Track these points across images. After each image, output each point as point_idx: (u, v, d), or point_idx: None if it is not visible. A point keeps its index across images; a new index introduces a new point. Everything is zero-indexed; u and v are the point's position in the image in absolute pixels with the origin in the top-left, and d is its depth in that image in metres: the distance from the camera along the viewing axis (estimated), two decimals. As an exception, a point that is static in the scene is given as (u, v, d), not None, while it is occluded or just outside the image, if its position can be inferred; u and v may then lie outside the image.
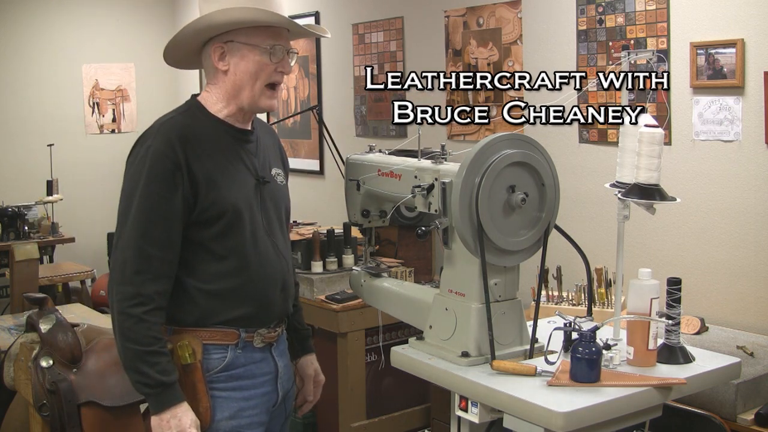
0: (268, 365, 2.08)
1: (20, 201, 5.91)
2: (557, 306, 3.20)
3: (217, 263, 1.98)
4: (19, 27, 6.59)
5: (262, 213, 2.06)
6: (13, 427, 2.95)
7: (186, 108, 2.05)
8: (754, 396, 2.54)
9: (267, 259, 2.05)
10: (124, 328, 1.88)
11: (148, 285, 1.89)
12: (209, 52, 2.02)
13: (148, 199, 1.90)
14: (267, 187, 2.09)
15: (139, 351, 1.88)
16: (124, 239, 1.91)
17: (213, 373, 1.99)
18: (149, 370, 1.88)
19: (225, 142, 2.02)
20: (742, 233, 3.12)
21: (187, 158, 1.92)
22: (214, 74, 2.04)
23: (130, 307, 1.88)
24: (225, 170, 1.99)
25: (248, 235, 2.01)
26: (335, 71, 5.27)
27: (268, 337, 2.08)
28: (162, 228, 1.91)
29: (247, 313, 2.02)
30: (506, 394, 1.87)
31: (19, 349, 2.74)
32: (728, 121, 3.11)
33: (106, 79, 6.99)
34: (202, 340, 1.98)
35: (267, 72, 2.01)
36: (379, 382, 3.70)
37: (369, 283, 2.42)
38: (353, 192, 2.42)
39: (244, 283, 2.00)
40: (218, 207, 1.96)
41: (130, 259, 1.89)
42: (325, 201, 5.41)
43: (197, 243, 1.97)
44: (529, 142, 2.05)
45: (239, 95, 2.02)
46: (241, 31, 1.98)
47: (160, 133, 1.94)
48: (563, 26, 3.71)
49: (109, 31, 6.96)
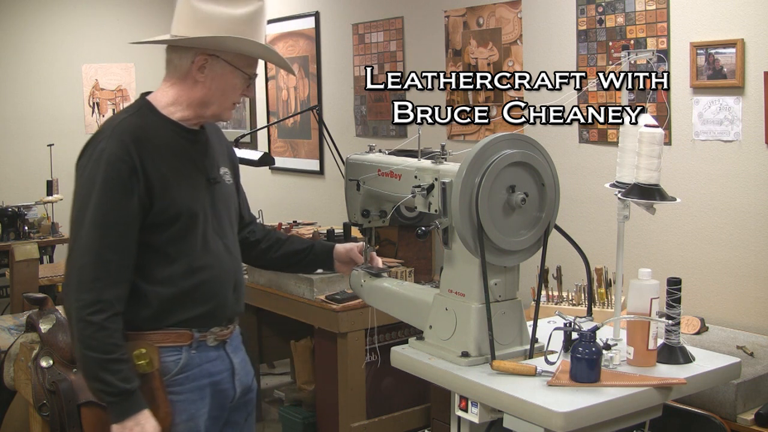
0: (222, 363, 2.10)
1: (20, 201, 5.90)
2: (557, 306, 3.20)
3: (170, 265, 1.98)
4: (19, 27, 6.60)
5: (213, 214, 2.07)
6: (13, 427, 2.95)
7: (137, 108, 2.03)
8: (754, 396, 2.54)
9: (219, 259, 2.06)
10: (85, 336, 1.86)
11: (107, 291, 1.87)
12: (188, 57, 2.00)
13: (105, 204, 1.88)
14: (217, 188, 2.10)
15: (100, 359, 1.86)
16: (80, 244, 1.89)
17: (170, 377, 1.99)
18: (111, 378, 1.86)
19: (176, 143, 2.02)
20: (742, 233, 3.12)
21: (142, 161, 1.91)
22: (182, 78, 2.02)
23: (90, 315, 1.85)
24: (178, 172, 1.99)
25: (200, 237, 2.02)
26: (335, 71, 5.27)
27: (221, 335, 2.09)
28: (119, 232, 1.89)
29: (200, 314, 2.03)
30: (506, 394, 1.87)
31: (19, 349, 2.74)
32: (728, 121, 3.11)
33: (106, 79, 6.99)
34: (157, 344, 1.98)
35: (237, 94, 2.05)
36: (379, 382, 3.70)
37: (369, 283, 2.42)
38: (353, 192, 2.42)
39: (197, 285, 2.01)
40: (173, 210, 1.96)
41: (88, 264, 1.87)
42: (325, 201, 5.41)
43: (150, 246, 1.96)
44: (529, 142, 2.05)
45: (206, 107, 2.03)
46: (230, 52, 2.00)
47: (114, 136, 1.92)
48: (563, 26, 3.71)
49: (109, 31, 6.96)
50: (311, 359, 4.03)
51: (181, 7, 2.01)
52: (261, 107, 6.07)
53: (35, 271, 4.26)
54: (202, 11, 1.97)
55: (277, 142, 5.95)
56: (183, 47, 2.00)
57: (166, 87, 2.05)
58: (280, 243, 2.41)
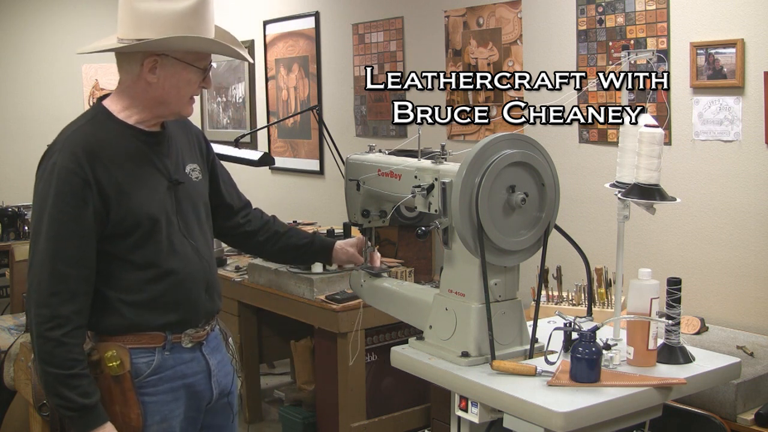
0: (198, 364, 2.08)
1: (20, 201, 5.90)
2: (557, 306, 3.20)
3: (137, 272, 1.97)
4: (19, 27, 6.59)
5: (178, 215, 2.05)
6: (13, 427, 2.95)
7: (92, 115, 2.00)
8: (754, 396, 2.54)
9: (186, 262, 2.04)
10: (43, 352, 1.86)
11: (64, 306, 1.86)
12: (136, 60, 1.96)
13: (58, 218, 1.87)
14: (181, 188, 2.06)
15: (59, 375, 1.85)
16: (37, 259, 1.88)
17: (141, 379, 1.98)
18: (70, 393, 1.86)
19: (133, 147, 1.99)
20: (742, 233, 3.12)
21: (94, 173, 1.89)
22: (134, 81, 1.98)
23: (48, 330, 1.85)
24: (136, 178, 1.96)
25: (165, 241, 1.99)
26: (335, 71, 5.27)
27: (196, 336, 2.08)
28: (75, 246, 1.87)
29: (173, 319, 2.02)
30: (506, 394, 1.87)
31: (19, 349, 2.74)
32: (728, 121, 3.11)
33: (106, 79, 6.98)
34: (128, 345, 1.97)
35: (193, 87, 2.01)
36: (379, 382, 3.70)
37: (369, 283, 2.42)
38: (353, 192, 2.42)
39: (167, 290, 2.00)
40: (132, 218, 1.94)
41: (44, 280, 1.86)
42: (325, 201, 5.41)
43: (114, 255, 1.95)
44: (529, 142, 2.05)
45: (164, 106, 2.00)
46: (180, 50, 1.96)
47: (65, 148, 1.90)
48: (563, 26, 3.71)
49: (109, 31, 6.91)
50: (311, 359, 4.03)
51: (122, 8, 1.97)
52: (261, 107, 6.06)
53: (35, 271, 4.26)
54: (143, 11, 1.93)
55: (277, 142, 5.95)
56: (132, 56, 1.96)
57: (120, 90, 2.02)
58: (278, 236, 2.39)
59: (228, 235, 2.39)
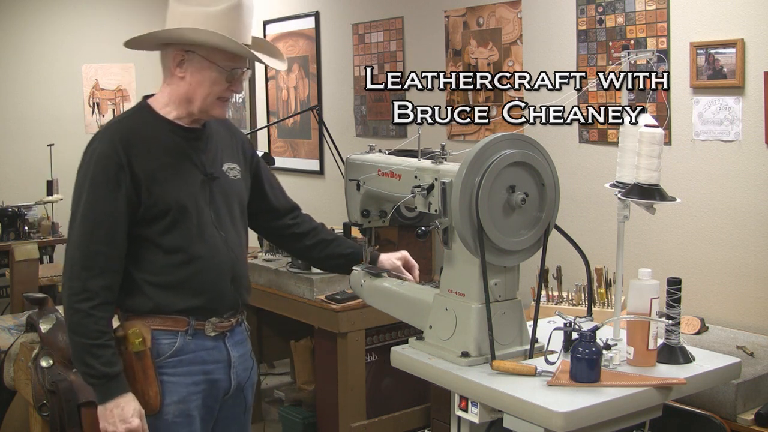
0: (219, 353, 2.16)
1: (20, 201, 5.91)
2: (557, 306, 3.21)
3: (165, 256, 2.07)
4: (19, 27, 6.60)
5: (211, 207, 2.14)
6: (13, 427, 2.95)
7: (135, 110, 2.15)
8: (754, 396, 2.54)
9: (214, 251, 2.12)
10: (73, 323, 1.99)
11: (94, 280, 1.98)
12: (169, 55, 2.09)
13: (94, 199, 2.00)
14: (216, 183, 2.16)
15: (85, 344, 1.98)
16: (73, 238, 2.02)
17: (163, 359, 2.08)
18: (94, 362, 1.98)
19: (171, 141, 2.10)
20: (742, 233, 3.12)
21: (129, 158, 2.02)
22: (169, 76, 2.11)
23: (78, 302, 1.98)
24: (170, 168, 2.08)
25: (195, 229, 2.09)
26: (335, 71, 5.27)
27: (220, 326, 2.15)
28: (107, 226, 2.00)
29: (196, 304, 2.10)
30: (506, 394, 1.86)
31: (19, 349, 2.74)
32: (728, 121, 3.11)
33: (106, 79, 6.99)
34: (152, 327, 2.07)
35: (219, 89, 2.09)
36: (379, 382, 3.70)
37: (369, 283, 2.42)
38: (353, 192, 2.42)
39: (192, 275, 2.09)
40: (162, 204, 2.05)
41: (78, 256, 2.00)
42: (325, 201, 5.41)
43: (144, 238, 2.06)
44: (529, 142, 2.05)
45: (190, 103, 2.10)
46: (204, 46, 2.04)
47: (105, 136, 2.05)
48: (563, 26, 3.71)
49: (109, 31, 6.96)
50: (311, 359, 4.03)
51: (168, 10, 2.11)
52: (261, 107, 6.07)
53: (35, 271, 4.26)
54: (178, 11, 2.06)
55: (277, 142, 5.95)
56: (169, 46, 2.08)
57: (162, 88, 2.15)
58: (326, 243, 2.47)
59: (277, 235, 2.49)
